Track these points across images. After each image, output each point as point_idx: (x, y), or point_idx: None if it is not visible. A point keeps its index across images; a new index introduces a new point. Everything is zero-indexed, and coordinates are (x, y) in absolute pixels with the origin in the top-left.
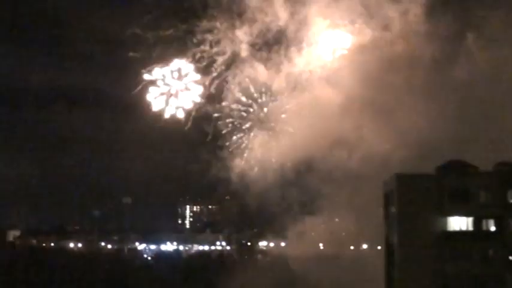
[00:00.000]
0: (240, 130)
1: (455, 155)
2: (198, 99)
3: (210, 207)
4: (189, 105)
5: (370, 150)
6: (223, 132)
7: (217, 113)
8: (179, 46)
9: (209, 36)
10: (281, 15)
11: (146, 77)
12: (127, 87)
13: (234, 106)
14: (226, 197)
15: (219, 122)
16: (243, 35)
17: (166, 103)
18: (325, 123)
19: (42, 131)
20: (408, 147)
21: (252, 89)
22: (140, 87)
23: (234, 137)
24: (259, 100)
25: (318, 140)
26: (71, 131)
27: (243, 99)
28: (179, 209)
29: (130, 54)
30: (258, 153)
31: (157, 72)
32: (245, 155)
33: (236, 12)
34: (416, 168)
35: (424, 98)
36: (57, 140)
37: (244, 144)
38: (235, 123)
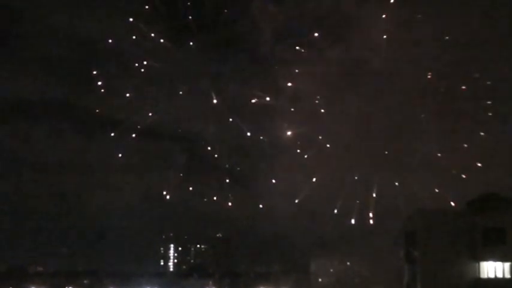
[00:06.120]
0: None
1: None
2: None
3: (198, 246)
4: None
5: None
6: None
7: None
8: None
9: None
10: None
11: None
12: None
13: None
14: (218, 235)
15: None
16: None
17: None
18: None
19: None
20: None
21: None
22: None
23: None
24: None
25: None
26: (33, 153)
27: None
28: (162, 249)
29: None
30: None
31: None
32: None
33: None
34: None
35: None
36: (18, 165)
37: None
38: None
